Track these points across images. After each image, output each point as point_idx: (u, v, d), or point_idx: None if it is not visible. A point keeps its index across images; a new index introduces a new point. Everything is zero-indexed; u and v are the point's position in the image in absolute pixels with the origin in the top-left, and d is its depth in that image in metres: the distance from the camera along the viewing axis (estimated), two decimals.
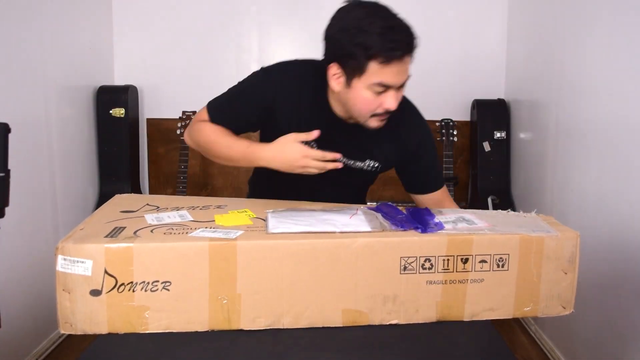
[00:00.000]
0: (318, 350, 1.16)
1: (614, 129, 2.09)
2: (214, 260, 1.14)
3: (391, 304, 1.20)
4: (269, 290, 1.17)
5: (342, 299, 1.19)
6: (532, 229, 1.25)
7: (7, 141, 1.07)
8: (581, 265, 2.26)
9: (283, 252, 1.16)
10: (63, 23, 2.85)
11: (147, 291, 1.14)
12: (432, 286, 1.20)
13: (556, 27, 2.61)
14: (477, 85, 3.38)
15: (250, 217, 1.32)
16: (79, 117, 3.08)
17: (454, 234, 1.20)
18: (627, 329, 1.99)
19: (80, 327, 1.15)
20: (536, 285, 1.23)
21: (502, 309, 1.24)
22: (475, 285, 1.21)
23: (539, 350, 2.76)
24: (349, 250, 1.17)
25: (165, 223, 1.27)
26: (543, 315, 1.26)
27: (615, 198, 2.08)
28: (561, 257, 1.23)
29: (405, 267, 1.18)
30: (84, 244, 1.12)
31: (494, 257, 1.20)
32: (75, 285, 1.13)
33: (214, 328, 1.17)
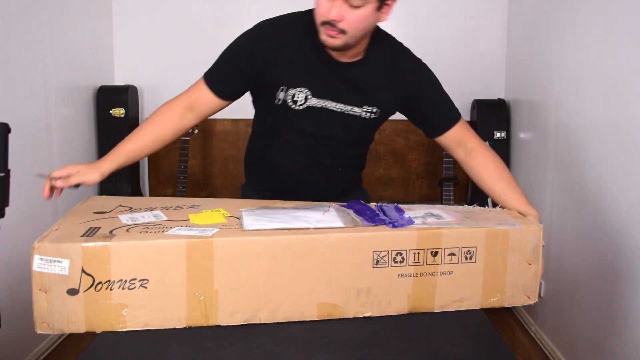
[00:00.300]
0: (317, 351, 1.17)
1: (613, 128, 2.11)
2: (191, 258, 1.16)
3: (365, 297, 1.23)
4: (245, 286, 1.19)
5: (317, 293, 1.22)
6: (497, 222, 1.30)
7: (7, 141, 1.07)
8: (581, 265, 2.38)
9: (259, 248, 1.18)
10: (63, 23, 2.82)
11: (125, 289, 1.15)
12: (403, 279, 1.24)
13: (556, 28, 2.63)
14: (477, 85, 3.39)
15: (224, 215, 1.34)
16: (79, 117, 3.05)
17: (423, 228, 1.24)
18: (627, 328, 2.01)
19: (57, 327, 1.15)
20: (502, 276, 1.28)
21: (470, 299, 1.28)
22: (444, 277, 1.26)
23: (539, 350, 2.78)
24: (324, 245, 1.20)
25: (140, 223, 1.28)
26: (509, 305, 1.30)
27: (615, 198, 2.10)
28: (525, 249, 1.28)
29: (377, 260, 1.22)
30: (60, 244, 1.13)
31: (462, 250, 1.25)
32: (52, 285, 1.13)
33: (192, 324, 1.19)
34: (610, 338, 2.13)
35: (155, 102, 3.40)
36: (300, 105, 1.54)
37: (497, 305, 1.30)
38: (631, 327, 1.98)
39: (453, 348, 1.20)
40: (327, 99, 1.54)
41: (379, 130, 1.70)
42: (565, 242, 2.50)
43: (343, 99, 1.55)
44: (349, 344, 1.20)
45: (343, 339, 1.22)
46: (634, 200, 1.96)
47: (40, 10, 2.60)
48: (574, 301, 2.45)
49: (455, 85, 3.42)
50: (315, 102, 1.54)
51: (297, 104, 1.54)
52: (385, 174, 3.45)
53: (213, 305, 1.18)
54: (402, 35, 1.62)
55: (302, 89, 1.53)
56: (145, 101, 3.47)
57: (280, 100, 1.54)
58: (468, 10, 3.38)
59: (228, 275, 1.18)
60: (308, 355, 1.16)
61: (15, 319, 2.14)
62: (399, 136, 3.41)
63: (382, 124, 1.67)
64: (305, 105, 1.54)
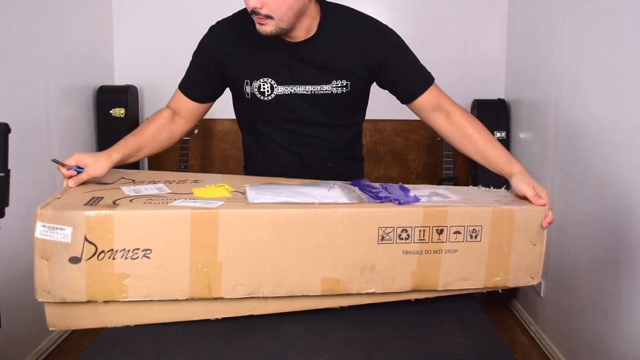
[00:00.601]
0: (317, 351, 1.17)
1: (613, 128, 2.11)
2: (195, 229, 1.15)
3: (369, 273, 1.23)
4: (249, 258, 1.18)
5: (321, 268, 1.21)
6: (503, 202, 1.30)
7: (7, 141, 1.06)
8: (581, 264, 2.38)
9: (264, 220, 1.17)
10: (63, 23, 2.82)
11: (128, 259, 1.14)
12: (408, 256, 1.23)
13: (556, 28, 2.62)
14: (477, 85, 3.39)
15: (228, 190, 1.33)
16: (79, 117, 3.04)
17: (429, 205, 1.24)
18: (627, 328, 2.01)
19: (58, 295, 1.14)
20: (506, 256, 1.28)
21: (474, 278, 1.28)
22: (449, 256, 1.25)
23: (539, 350, 2.77)
24: (329, 219, 1.19)
25: (144, 194, 1.27)
26: (512, 285, 1.30)
27: (615, 198, 2.09)
28: (530, 229, 1.28)
29: (382, 237, 1.21)
30: (64, 211, 1.12)
31: (468, 228, 1.25)
32: (53, 253, 1.12)
33: (195, 296, 1.18)
34: (610, 338, 2.12)
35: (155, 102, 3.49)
36: (268, 95, 1.54)
37: (500, 285, 1.30)
38: (631, 327, 1.98)
39: (453, 348, 1.20)
40: (293, 84, 1.53)
41: (379, 130, 1.68)
42: (565, 241, 2.51)
43: (309, 80, 1.53)
44: (349, 344, 1.20)
45: (343, 339, 1.22)
46: (634, 200, 1.96)
47: (41, 11, 2.59)
48: (574, 301, 2.44)
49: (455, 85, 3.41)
50: (283, 90, 1.54)
51: (264, 95, 1.54)
52: (385, 174, 3.45)
53: (216, 278, 1.17)
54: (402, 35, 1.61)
55: (265, 79, 1.53)
56: (145, 101, 3.46)
57: (249, 94, 1.55)
58: (468, 10, 3.37)
59: (232, 248, 1.17)
60: (308, 355, 1.16)
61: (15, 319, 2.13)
62: (399, 136, 3.41)
63: (360, 99, 1.63)
64: (273, 94, 1.54)
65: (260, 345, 1.20)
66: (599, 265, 2.22)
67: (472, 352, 1.19)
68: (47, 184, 2.62)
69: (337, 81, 1.53)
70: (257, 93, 1.54)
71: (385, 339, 1.23)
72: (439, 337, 1.24)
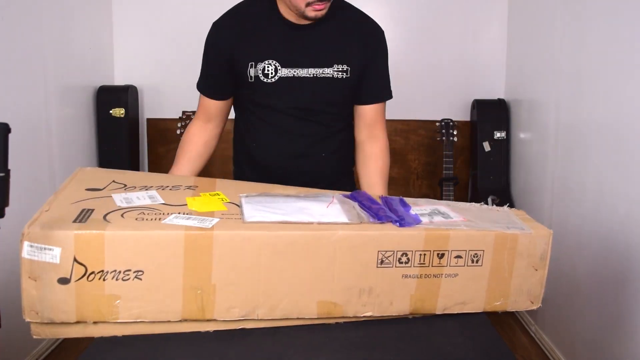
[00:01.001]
0: (317, 351, 1.15)
1: (613, 128, 2.09)
2: (189, 250, 1.11)
3: (366, 297, 1.20)
4: (244, 281, 1.14)
5: (318, 291, 1.18)
6: (506, 225, 1.26)
7: (7, 141, 1.02)
8: (581, 265, 2.36)
9: (260, 243, 1.13)
10: (63, 23, 2.79)
11: (119, 280, 1.10)
12: (407, 280, 1.20)
13: (556, 28, 2.59)
14: (477, 85, 3.37)
15: (223, 201, 1.28)
16: (79, 117, 3.03)
17: (431, 229, 1.20)
18: (627, 329, 2.01)
19: (46, 316, 1.11)
20: (507, 281, 1.25)
21: (473, 302, 1.26)
22: (449, 280, 1.22)
23: (539, 350, 2.78)
24: (328, 242, 1.15)
25: (136, 206, 1.22)
26: (512, 310, 1.28)
27: (615, 198, 2.08)
28: (533, 255, 1.25)
29: (382, 260, 1.18)
30: (52, 231, 1.07)
31: (469, 252, 1.21)
32: (42, 273, 1.08)
33: (187, 318, 1.15)
34: (610, 338, 2.13)
35: (155, 102, 3.44)
36: (272, 77, 1.55)
37: (499, 309, 1.27)
38: (631, 327, 1.99)
39: (453, 348, 1.18)
40: (296, 67, 1.55)
41: None
42: (565, 242, 2.50)
43: (312, 63, 1.56)
44: (349, 344, 1.18)
45: (343, 339, 1.19)
46: (634, 200, 1.95)
47: (41, 11, 2.56)
48: (573, 301, 2.45)
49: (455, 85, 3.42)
50: (286, 72, 1.55)
51: (268, 77, 1.56)
52: None
53: (210, 300, 1.14)
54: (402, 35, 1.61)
55: (270, 61, 1.55)
56: (145, 101, 3.43)
57: (252, 77, 1.56)
58: (468, 10, 3.33)
59: (227, 270, 1.13)
60: (308, 356, 1.14)
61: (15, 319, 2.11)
62: (399, 136, 3.38)
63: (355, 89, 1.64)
64: (277, 76, 1.56)
65: (260, 345, 1.18)
66: (599, 266, 2.21)
67: (472, 352, 1.18)
68: (47, 183, 2.62)
69: (338, 65, 1.56)
70: (260, 75, 1.55)
71: (385, 339, 1.21)
72: (439, 337, 1.22)
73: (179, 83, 3.35)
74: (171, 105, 3.38)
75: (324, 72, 1.56)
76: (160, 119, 3.46)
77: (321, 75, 1.56)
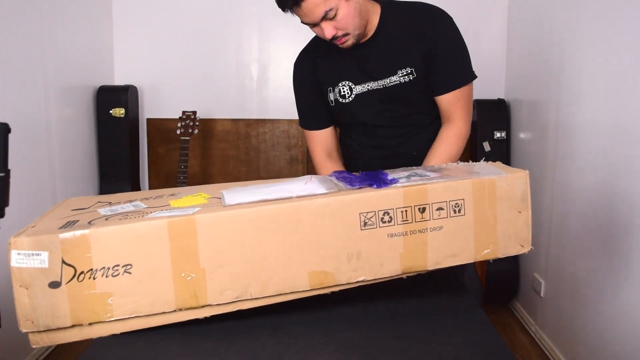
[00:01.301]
0: (317, 351, 1.15)
1: (613, 128, 2.10)
2: (173, 237, 1.13)
3: (356, 261, 1.20)
4: (232, 261, 1.16)
5: (306, 262, 1.19)
6: (482, 173, 1.28)
7: (7, 141, 1.05)
8: (581, 264, 2.36)
9: (242, 220, 1.15)
10: (63, 23, 2.83)
11: (109, 277, 1.11)
12: (393, 239, 1.21)
13: (556, 28, 2.63)
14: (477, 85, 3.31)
15: (205, 197, 1.31)
16: (79, 117, 3.05)
17: (408, 185, 1.22)
18: (626, 328, 2.00)
19: (42, 323, 1.11)
20: (493, 227, 1.26)
21: (463, 253, 1.26)
22: (435, 234, 1.23)
23: (539, 350, 2.76)
24: (308, 211, 1.17)
25: (120, 212, 1.25)
26: (503, 255, 1.28)
27: (615, 198, 2.09)
28: (513, 197, 1.26)
29: (365, 222, 1.19)
30: (38, 236, 1.10)
31: (450, 203, 1.23)
32: (32, 280, 1.09)
33: (182, 307, 1.15)
34: (610, 338, 2.11)
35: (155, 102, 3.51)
36: (349, 97, 1.67)
37: (491, 257, 1.27)
38: (631, 327, 1.97)
39: (453, 348, 1.18)
40: (368, 82, 1.64)
41: None
42: (565, 241, 2.49)
43: (379, 75, 1.63)
44: (349, 344, 1.18)
45: (343, 339, 1.20)
46: (634, 200, 1.95)
47: (40, 11, 2.60)
48: (574, 301, 2.43)
49: None
50: (360, 89, 1.65)
51: (345, 97, 1.67)
52: None
53: (201, 285, 1.15)
54: None
55: (344, 82, 1.67)
56: (145, 101, 3.47)
57: (333, 101, 1.69)
58: (468, 10, 3.38)
59: (213, 252, 1.14)
60: (308, 356, 1.14)
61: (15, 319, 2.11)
62: None
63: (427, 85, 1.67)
64: (353, 95, 1.66)
65: (260, 345, 1.18)
66: (599, 265, 2.20)
67: (472, 352, 1.17)
68: (47, 184, 2.63)
69: (402, 69, 1.62)
70: (339, 98, 1.67)
71: (385, 339, 1.21)
72: (439, 337, 1.22)
73: (179, 83, 3.45)
74: (171, 105, 3.41)
75: (391, 80, 1.63)
76: (160, 119, 3.48)
77: (390, 84, 1.63)
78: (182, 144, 3.12)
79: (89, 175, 3.17)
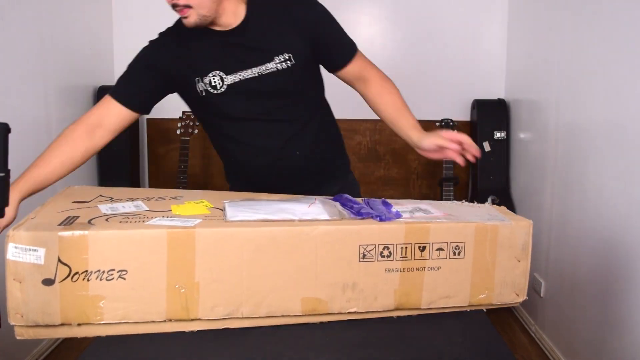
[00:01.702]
0: (317, 351, 1.15)
1: (613, 128, 2.10)
2: (172, 248, 1.12)
3: (350, 292, 1.20)
4: (227, 278, 1.15)
5: (301, 287, 1.18)
6: (486, 217, 1.28)
7: (7, 141, 1.05)
8: (581, 265, 2.37)
9: (242, 239, 1.15)
10: (63, 23, 2.82)
11: (103, 280, 1.11)
12: (390, 274, 1.21)
13: (556, 28, 2.62)
14: (477, 85, 3.39)
15: (207, 207, 1.31)
16: None
17: (411, 222, 1.22)
18: (627, 328, 2.00)
19: (31, 318, 1.11)
20: (491, 273, 1.26)
21: (458, 296, 1.26)
22: (432, 273, 1.23)
23: (539, 350, 2.76)
24: (309, 237, 1.17)
25: (121, 212, 1.24)
26: (497, 303, 1.28)
27: (615, 198, 2.09)
28: (514, 246, 1.26)
29: (364, 254, 1.19)
30: (36, 232, 1.09)
31: (451, 244, 1.22)
32: (26, 275, 1.09)
33: (172, 318, 1.15)
34: (609, 338, 2.12)
35: None
36: (220, 88, 1.56)
37: (484, 303, 1.28)
38: (631, 327, 1.97)
39: (453, 348, 1.18)
40: (240, 70, 1.55)
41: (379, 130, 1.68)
42: (565, 242, 2.50)
43: (253, 63, 1.55)
44: (349, 344, 1.18)
45: (343, 339, 1.20)
46: (634, 200, 1.95)
47: (40, 11, 2.59)
48: (574, 301, 2.44)
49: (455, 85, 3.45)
50: (232, 79, 1.55)
51: (217, 88, 1.56)
52: (385, 174, 3.44)
53: (194, 298, 1.15)
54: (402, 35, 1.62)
55: (214, 73, 1.56)
56: None
57: (202, 91, 1.57)
58: (468, 10, 3.38)
59: (210, 267, 1.14)
60: (308, 356, 1.14)
61: None
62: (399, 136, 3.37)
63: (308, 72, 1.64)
64: (225, 85, 1.56)
65: (260, 345, 1.17)
66: (599, 266, 2.20)
67: (472, 352, 1.18)
68: None
69: (279, 56, 1.55)
70: (210, 88, 1.56)
71: (385, 339, 1.20)
72: (439, 337, 1.22)
73: None
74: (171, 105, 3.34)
75: (267, 67, 1.55)
76: (160, 119, 3.46)
77: (266, 71, 1.55)
78: (182, 144, 3.12)
79: (89, 175, 3.16)
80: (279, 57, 1.55)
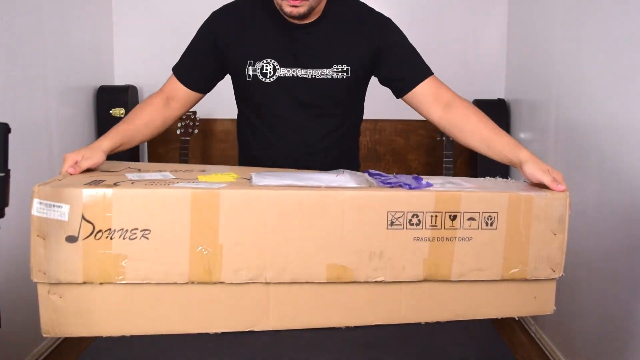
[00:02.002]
0: (318, 350, 1.13)
1: (613, 129, 2.08)
2: (196, 209, 1.11)
3: (377, 260, 1.16)
4: (252, 242, 1.13)
5: (327, 254, 1.15)
6: (521, 189, 1.23)
7: (7, 141, 1.05)
8: (582, 265, 2.31)
9: (267, 202, 1.12)
10: (63, 23, 2.85)
11: (126, 239, 1.10)
12: (419, 243, 1.17)
13: (556, 28, 2.62)
14: (477, 85, 3.37)
15: (234, 177, 1.29)
16: (79, 117, 3.06)
17: (442, 191, 1.18)
18: (627, 328, 1.97)
19: (53, 276, 1.10)
20: (525, 246, 1.21)
21: (490, 269, 1.21)
22: (463, 244, 1.18)
23: (539, 350, 2.73)
24: (336, 202, 1.14)
25: (146, 179, 1.23)
26: (532, 278, 1.22)
27: (615, 198, 2.06)
28: (550, 217, 1.21)
29: (392, 222, 1.15)
30: (61, 188, 1.09)
31: (483, 214, 1.18)
32: (50, 231, 1.09)
33: (194, 280, 1.13)
34: (610, 338, 2.09)
35: None
36: (270, 77, 1.53)
37: (518, 277, 1.22)
38: (631, 328, 1.94)
39: (454, 348, 1.16)
40: (295, 67, 1.53)
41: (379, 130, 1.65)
42: None
43: (311, 64, 1.53)
44: (350, 344, 1.16)
45: (344, 339, 1.18)
46: (634, 200, 1.91)
47: (40, 10, 2.61)
48: (574, 301, 2.40)
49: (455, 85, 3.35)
50: (285, 72, 1.53)
51: (267, 76, 1.53)
52: None
53: (217, 261, 1.12)
54: None
55: (268, 60, 1.53)
56: None
57: (250, 76, 1.54)
58: (468, 10, 3.37)
59: (234, 230, 1.12)
60: (309, 355, 1.12)
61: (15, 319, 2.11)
62: (399, 136, 3.38)
63: (359, 88, 1.62)
64: (275, 76, 1.53)
65: (260, 345, 1.15)
66: (599, 266, 2.18)
67: (472, 352, 1.16)
68: None
69: (338, 66, 1.53)
70: (259, 74, 1.53)
71: (385, 339, 1.18)
72: (439, 337, 1.20)
73: None
74: None
75: (322, 73, 1.53)
76: None
77: (320, 76, 1.53)
78: (182, 144, 3.13)
79: None
80: (337, 67, 1.53)
